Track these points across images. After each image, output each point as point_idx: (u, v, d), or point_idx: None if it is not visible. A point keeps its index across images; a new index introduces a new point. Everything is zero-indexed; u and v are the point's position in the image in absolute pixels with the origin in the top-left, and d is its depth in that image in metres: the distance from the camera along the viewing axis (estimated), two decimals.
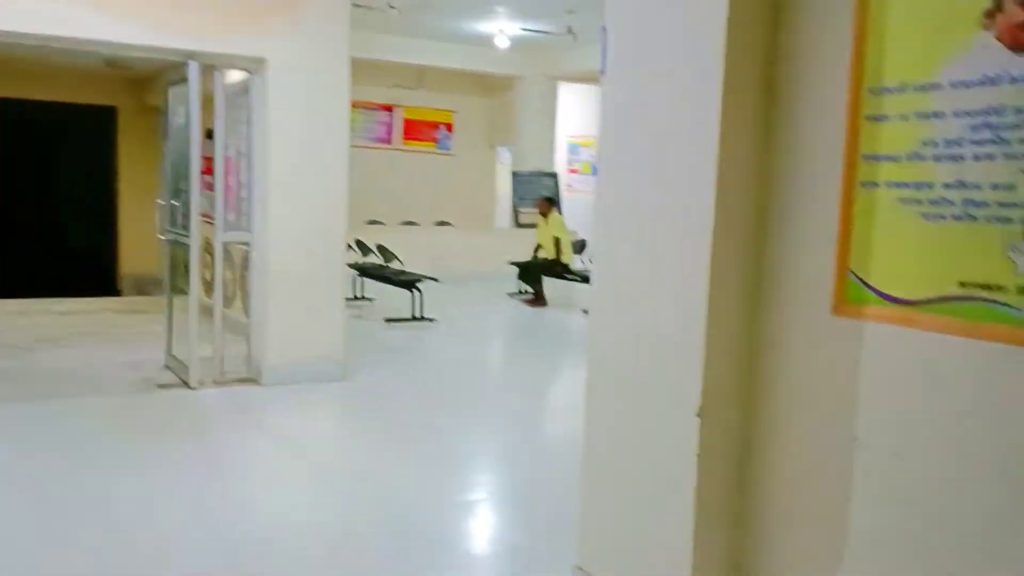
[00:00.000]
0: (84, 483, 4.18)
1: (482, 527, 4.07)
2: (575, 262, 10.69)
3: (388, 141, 14.17)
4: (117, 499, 4.01)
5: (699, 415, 2.24)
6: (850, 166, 1.99)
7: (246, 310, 6.45)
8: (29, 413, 5.28)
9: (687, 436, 2.29)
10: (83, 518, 3.76)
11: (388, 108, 14.06)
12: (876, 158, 1.93)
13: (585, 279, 10.09)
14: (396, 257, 9.44)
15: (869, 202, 1.96)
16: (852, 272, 1.98)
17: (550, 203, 10.88)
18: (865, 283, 1.95)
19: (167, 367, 6.36)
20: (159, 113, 11.50)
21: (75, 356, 6.93)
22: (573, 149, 16.14)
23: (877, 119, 1.93)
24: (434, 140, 14.73)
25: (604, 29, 2.41)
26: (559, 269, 10.43)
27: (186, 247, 6.07)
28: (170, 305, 6.49)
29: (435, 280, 9.09)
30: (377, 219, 12.79)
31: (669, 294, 2.30)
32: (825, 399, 2.14)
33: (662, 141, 2.30)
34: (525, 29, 11.27)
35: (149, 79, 11.36)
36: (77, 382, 6.06)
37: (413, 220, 13.59)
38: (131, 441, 4.85)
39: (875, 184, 1.95)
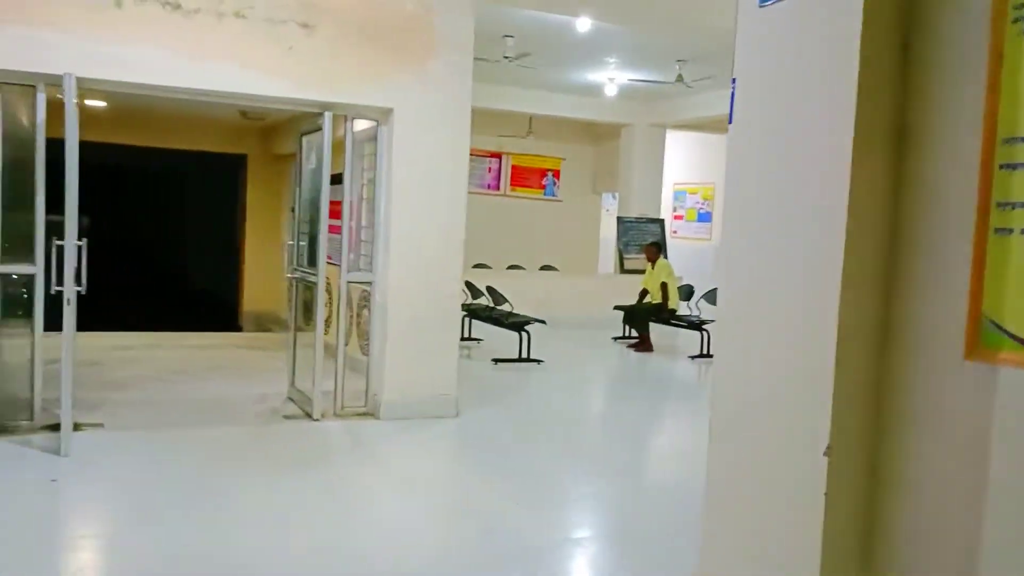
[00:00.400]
0: (218, 504, 4.47)
1: (588, 563, 4.14)
2: (682, 308, 10.67)
3: (496, 187, 14.54)
4: (245, 521, 4.27)
5: (827, 454, 2.28)
6: (983, 213, 2.04)
7: (361, 347, 6.74)
8: (168, 439, 5.65)
9: (815, 475, 2.33)
10: (215, 537, 4.04)
11: (497, 155, 14.45)
12: (1011, 205, 1.97)
13: (692, 325, 10.06)
14: (505, 299, 9.65)
15: (1003, 248, 2.00)
16: (986, 316, 2.01)
17: (657, 249, 10.93)
18: (1000, 327, 1.98)
19: (290, 399, 6.69)
20: (284, 160, 12.22)
21: (206, 387, 7.35)
22: (678, 196, 16.17)
23: (1011, 167, 1.98)
24: (541, 186, 15.03)
25: (734, 80, 2.52)
26: (666, 315, 10.44)
27: (310, 286, 6.44)
28: (294, 341, 6.85)
29: (543, 322, 9.25)
30: (484, 263, 13.10)
31: (798, 336, 2.37)
32: (956, 442, 2.15)
33: (791, 188, 2.39)
34: (635, 80, 11.45)
35: (277, 128, 12.06)
36: (210, 411, 6.45)
37: (519, 264, 13.83)
38: (260, 467, 5.14)
39: (1009, 231, 1.99)
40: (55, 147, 5.13)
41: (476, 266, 12.71)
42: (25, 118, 5.47)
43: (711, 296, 10.33)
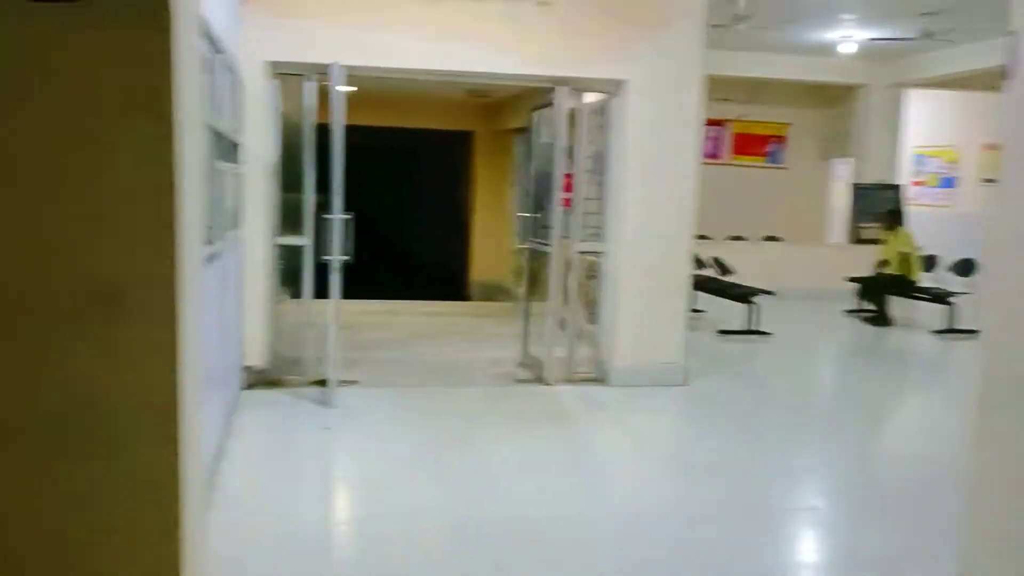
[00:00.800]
0: (470, 453, 4.86)
1: (825, 531, 4.08)
2: (923, 279, 9.99)
3: (717, 156, 14.21)
4: (495, 469, 4.60)
5: None
6: None
7: (587, 316, 6.93)
8: (416, 396, 6.14)
9: None
10: (471, 480, 4.39)
11: (719, 123, 14.11)
12: None
13: (937, 298, 9.40)
14: (731, 270, 9.49)
15: None
16: None
17: (895, 217, 10.29)
18: None
19: (523, 364, 7.02)
20: (508, 135, 12.66)
21: (443, 351, 7.86)
22: (919, 160, 15.01)
23: None
24: (765, 153, 14.51)
25: (1011, 32, 2.38)
26: (906, 287, 9.81)
27: (541, 256, 6.71)
28: (527, 309, 7.16)
29: (771, 294, 9.02)
30: (705, 233, 12.87)
31: None
32: None
33: None
34: (877, 39, 10.75)
35: (502, 104, 12.50)
36: (449, 372, 6.92)
37: (740, 235, 13.49)
38: (503, 424, 5.51)
39: None
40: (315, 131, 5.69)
41: (697, 237, 12.50)
42: (288, 106, 6.09)
43: (961, 267, 9.60)
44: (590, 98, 6.56)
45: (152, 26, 1.75)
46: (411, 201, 17.34)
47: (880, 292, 9.96)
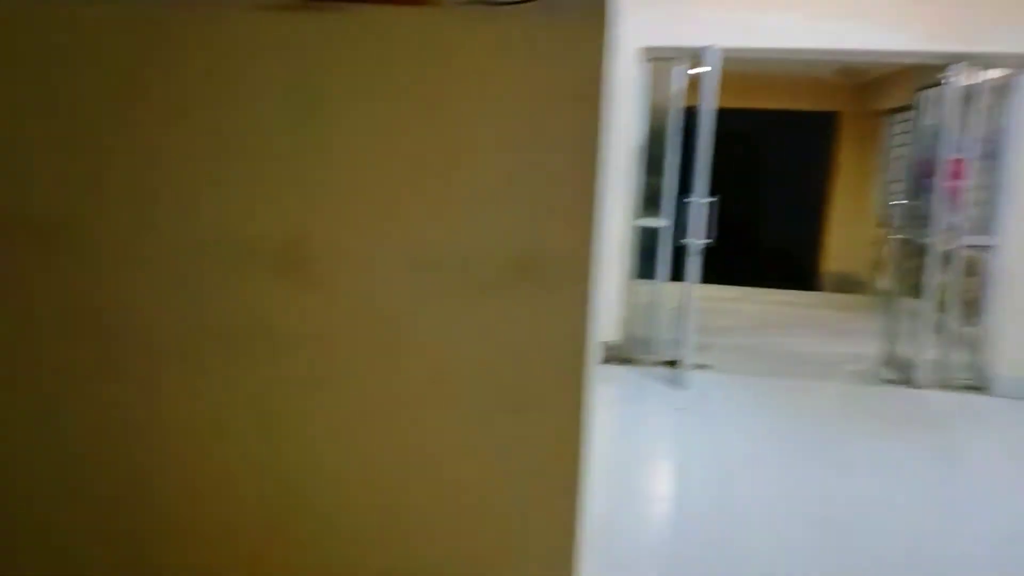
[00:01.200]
0: (826, 451, 4.66)
1: None
2: None
3: None
4: (855, 471, 4.36)
5: None
6: None
7: (965, 315, 6.24)
8: (768, 385, 5.99)
9: None
10: (824, 479, 4.20)
11: None
12: None
13: None
14: None
15: None
16: None
17: None
18: None
19: (887, 364, 6.53)
20: (879, 116, 11.76)
21: (795, 342, 7.57)
22: None
23: None
24: None
25: None
26: None
27: (916, 248, 6.16)
28: (894, 304, 6.64)
29: None
30: None
31: None
32: None
33: None
34: None
35: (873, 84, 11.64)
36: (802, 365, 6.65)
37: None
38: (864, 424, 5.19)
39: None
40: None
41: None
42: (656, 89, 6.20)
43: None
44: (988, 75, 5.86)
45: (594, 20, 1.90)
46: (762, 184, 16.82)
47: None
